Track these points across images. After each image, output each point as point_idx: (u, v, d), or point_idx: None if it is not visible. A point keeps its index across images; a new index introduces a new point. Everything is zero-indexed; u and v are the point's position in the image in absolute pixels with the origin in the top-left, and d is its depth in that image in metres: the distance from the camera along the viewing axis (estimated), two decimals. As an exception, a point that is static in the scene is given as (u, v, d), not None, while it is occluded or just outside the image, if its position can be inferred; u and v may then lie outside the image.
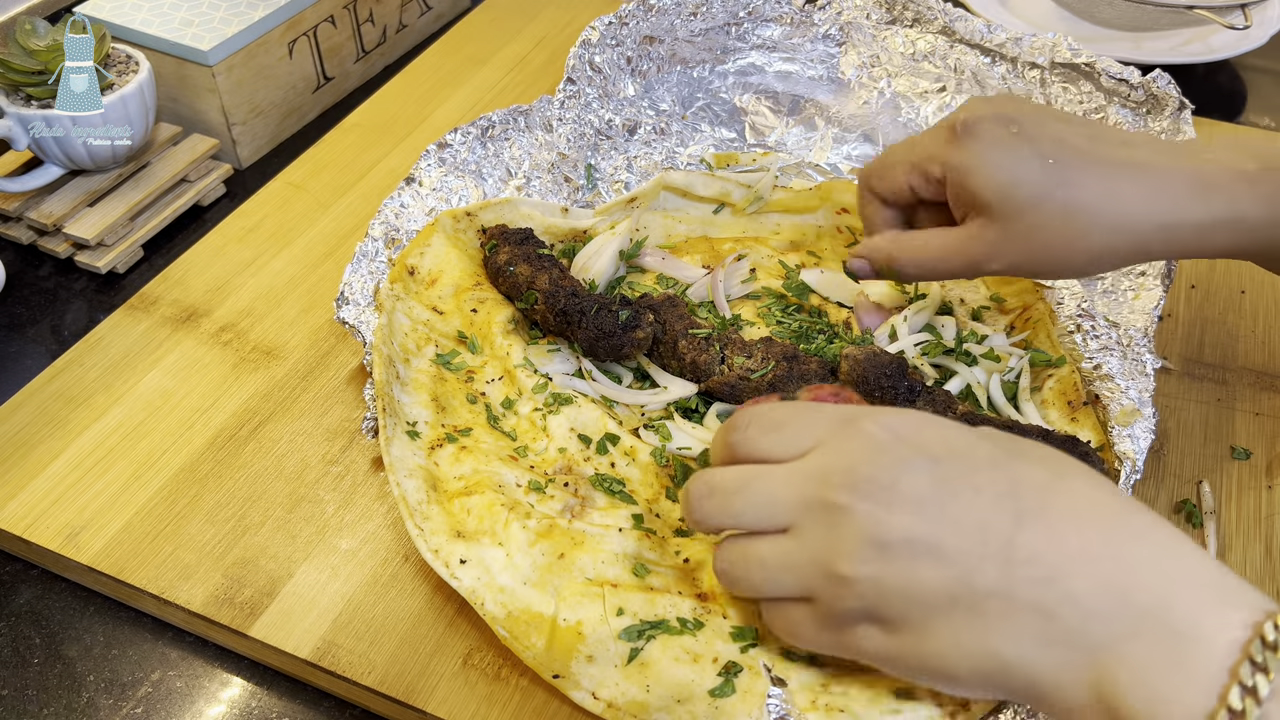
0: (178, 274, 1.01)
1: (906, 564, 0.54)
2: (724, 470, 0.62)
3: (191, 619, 0.76)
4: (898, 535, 0.54)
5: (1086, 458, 0.77)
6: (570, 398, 0.86)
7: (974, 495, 0.54)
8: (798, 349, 0.87)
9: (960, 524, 0.54)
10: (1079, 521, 0.53)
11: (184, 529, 0.80)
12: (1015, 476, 0.55)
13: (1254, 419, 0.90)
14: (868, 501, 0.55)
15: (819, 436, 0.59)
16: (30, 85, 1.01)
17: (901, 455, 0.56)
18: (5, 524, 0.79)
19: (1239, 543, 0.81)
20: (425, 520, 0.75)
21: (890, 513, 0.54)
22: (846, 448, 0.57)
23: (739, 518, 0.60)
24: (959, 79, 1.10)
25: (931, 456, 0.56)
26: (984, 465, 0.56)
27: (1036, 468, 0.56)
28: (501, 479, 0.78)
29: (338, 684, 0.72)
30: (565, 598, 0.70)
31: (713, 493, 0.61)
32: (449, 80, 1.27)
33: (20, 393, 0.89)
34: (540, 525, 0.75)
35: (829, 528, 0.56)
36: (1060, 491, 0.55)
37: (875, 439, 0.57)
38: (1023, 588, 0.52)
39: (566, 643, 0.68)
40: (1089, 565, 0.51)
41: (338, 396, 0.90)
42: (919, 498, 0.54)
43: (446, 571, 0.72)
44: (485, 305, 0.92)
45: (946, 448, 0.56)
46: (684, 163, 1.09)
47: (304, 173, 1.13)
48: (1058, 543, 0.52)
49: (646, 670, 0.67)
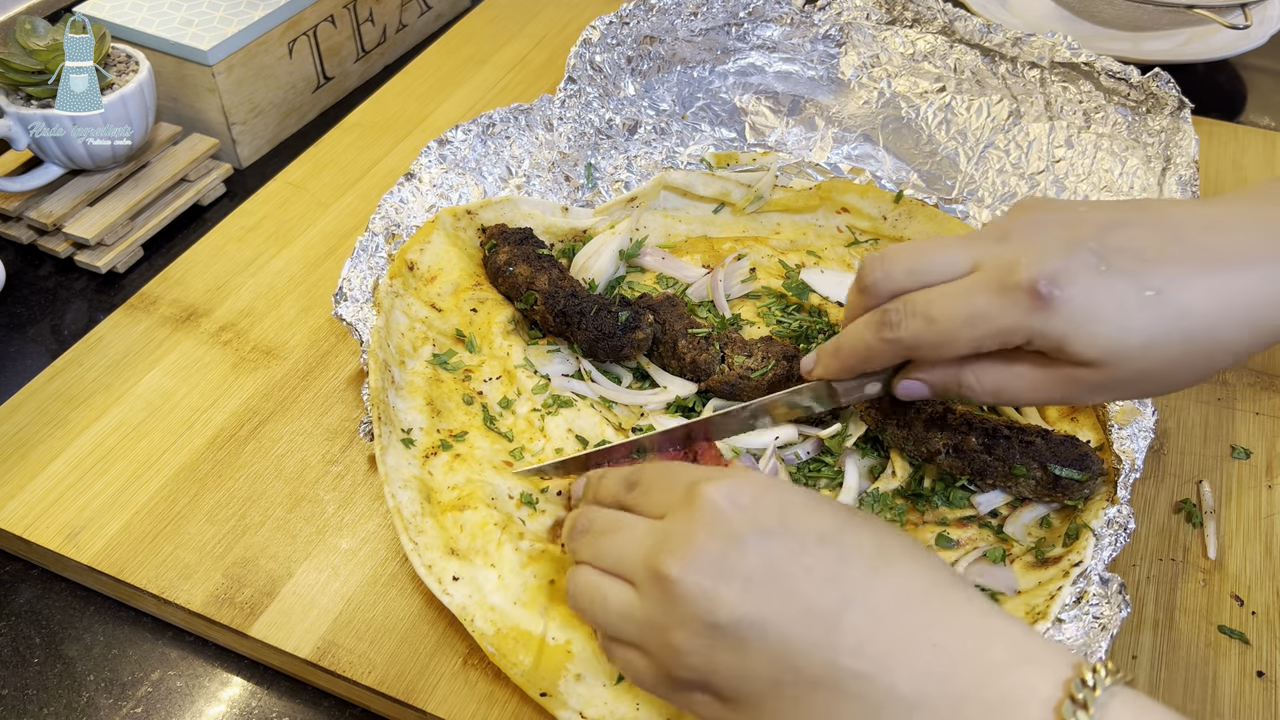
0: (177, 274, 1.01)
1: (735, 644, 0.55)
2: (602, 511, 0.65)
3: (191, 619, 0.76)
4: (725, 615, 0.55)
5: (1086, 457, 0.77)
6: (570, 401, 0.86)
7: (802, 577, 0.55)
8: (797, 348, 0.87)
9: (787, 608, 0.55)
10: (899, 606, 0.55)
11: (184, 529, 0.80)
12: (843, 555, 0.56)
13: (1254, 418, 0.90)
14: (698, 575, 0.56)
15: (670, 502, 0.61)
16: (30, 85, 1.01)
17: (734, 528, 0.57)
18: (5, 524, 0.79)
19: (1239, 542, 0.81)
20: (419, 534, 0.75)
21: (718, 590, 0.55)
22: (689, 516, 0.59)
23: (598, 559, 0.63)
24: (959, 79, 1.10)
25: (764, 530, 0.57)
26: (812, 543, 0.57)
27: (863, 544, 0.57)
28: (495, 489, 0.78)
29: (338, 684, 0.72)
30: (555, 618, 0.70)
31: (587, 529, 0.64)
32: (449, 80, 1.27)
33: (20, 392, 0.89)
34: (533, 549, 0.75)
35: (663, 596, 0.57)
36: (882, 572, 0.56)
37: (714, 507, 0.58)
38: (848, 681, 0.53)
39: (555, 661, 0.68)
40: (909, 656, 0.53)
41: (338, 396, 0.90)
42: (747, 576, 0.56)
43: (439, 587, 0.72)
44: (485, 305, 0.92)
45: (780, 519, 0.58)
46: (684, 162, 1.09)
47: (304, 172, 1.13)
48: (879, 631, 0.54)
49: (636, 690, 0.67)
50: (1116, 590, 0.69)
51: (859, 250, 1.04)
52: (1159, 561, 0.80)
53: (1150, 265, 0.64)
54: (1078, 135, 1.05)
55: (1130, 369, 0.65)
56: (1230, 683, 0.73)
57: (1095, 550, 0.73)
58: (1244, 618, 0.77)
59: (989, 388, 0.70)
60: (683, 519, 0.59)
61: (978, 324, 0.66)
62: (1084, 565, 0.72)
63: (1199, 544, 0.81)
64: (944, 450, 0.79)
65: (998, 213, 1.05)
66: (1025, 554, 0.77)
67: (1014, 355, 0.68)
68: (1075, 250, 0.65)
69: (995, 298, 0.66)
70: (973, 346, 0.68)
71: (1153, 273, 0.64)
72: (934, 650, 0.53)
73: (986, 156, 1.08)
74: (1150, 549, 0.81)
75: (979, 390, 0.70)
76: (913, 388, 0.73)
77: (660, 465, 0.67)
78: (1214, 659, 0.74)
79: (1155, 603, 0.77)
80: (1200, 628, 0.76)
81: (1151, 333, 0.64)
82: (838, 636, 0.54)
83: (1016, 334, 0.66)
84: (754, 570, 0.56)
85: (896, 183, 1.09)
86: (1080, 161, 1.04)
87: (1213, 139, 1.19)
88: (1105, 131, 1.04)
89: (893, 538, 0.59)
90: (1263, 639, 0.75)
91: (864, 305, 0.73)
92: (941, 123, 1.10)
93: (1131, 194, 1.01)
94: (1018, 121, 1.08)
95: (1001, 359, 0.69)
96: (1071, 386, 0.67)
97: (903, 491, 0.82)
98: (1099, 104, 1.04)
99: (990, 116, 1.09)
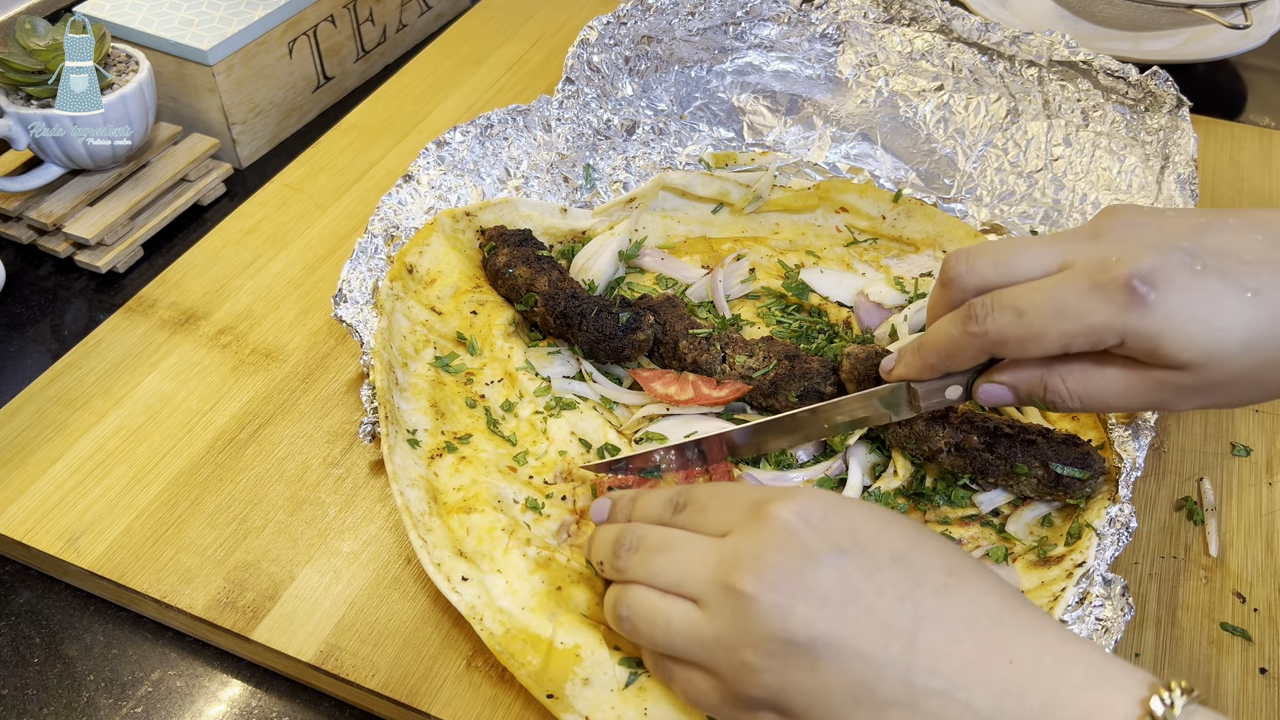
0: (175, 276, 1.00)
1: (809, 663, 0.55)
2: (654, 528, 0.64)
3: (193, 623, 0.75)
4: (801, 633, 0.55)
5: (1087, 456, 0.77)
6: (572, 403, 0.86)
7: (876, 596, 0.55)
8: (798, 348, 0.87)
9: (863, 627, 0.55)
10: (973, 626, 0.55)
11: (185, 533, 0.79)
12: (915, 575, 0.56)
13: (1253, 415, 0.91)
14: (774, 593, 0.56)
15: (733, 520, 0.61)
16: (30, 85, 1.01)
17: (808, 546, 0.57)
18: (5, 529, 0.79)
19: (1240, 540, 0.81)
20: (428, 533, 0.75)
21: (794, 607, 0.55)
22: (758, 534, 0.58)
23: (656, 577, 0.62)
24: (956, 77, 1.10)
25: (838, 549, 0.57)
26: (886, 562, 0.57)
27: (934, 563, 0.57)
28: (500, 494, 0.78)
29: (341, 687, 0.72)
30: (563, 624, 0.70)
31: (636, 546, 0.63)
32: (445, 81, 1.26)
33: (19, 396, 0.89)
34: (540, 555, 0.75)
35: (736, 613, 0.57)
36: (955, 591, 0.56)
37: (786, 525, 0.58)
38: (924, 699, 0.53)
39: (563, 664, 0.68)
40: (985, 673, 0.53)
41: (338, 399, 0.89)
42: (823, 595, 0.55)
43: (448, 585, 0.72)
44: (485, 308, 0.92)
45: (852, 538, 0.57)
46: (682, 162, 1.09)
47: (301, 174, 1.12)
48: (955, 650, 0.54)
49: (645, 695, 0.67)
50: (1120, 592, 0.69)
51: (858, 250, 1.04)
52: (1161, 559, 0.80)
53: (1248, 266, 0.62)
54: (1076, 134, 1.05)
55: (1227, 372, 0.63)
56: (1233, 680, 0.73)
57: (1098, 550, 0.73)
58: (1246, 615, 0.77)
59: (1075, 391, 0.67)
60: (750, 536, 0.58)
61: (1068, 319, 0.64)
62: (1087, 565, 0.72)
63: (1200, 541, 0.81)
64: (946, 449, 0.79)
65: (996, 211, 1.05)
66: (1027, 553, 0.77)
67: (1103, 358, 0.66)
68: (1170, 250, 0.63)
69: (1088, 294, 0.64)
70: (1062, 344, 0.65)
71: (1251, 274, 0.62)
72: (1011, 668, 0.53)
73: (985, 155, 1.08)
74: (1152, 547, 0.81)
75: (1064, 394, 0.68)
76: (995, 391, 0.71)
77: (714, 485, 0.66)
78: (1217, 656, 0.74)
79: (1158, 600, 0.77)
80: (1203, 625, 0.76)
81: (1250, 334, 0.62)
82: (914, 655, 0.54)
83: (1109, 333, 0.64)
84: (829, 588, 0.55)
85: (895, 182, 1.09)
86: (1079, 160, 1.04)
87: (1210, 136, 1.19)
88: (1104, 130, 1.04)
89: (961, 557, 0.59)
90: (1265, 636, 0.75)
91: (947, 301, 0.72)
92: (940, 121, 1.10)
93: (1129, 192, 1.01)
94: (1016, 120, 1.08)
95: (1090, 361, 0.67)
96: (1164, 391, 0.65)
97: (904, 490, 0.82)
98: (1097, 102, 1.04)
99: (988, 115, 1.09)
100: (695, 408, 0.85)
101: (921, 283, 0.99)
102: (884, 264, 1.02)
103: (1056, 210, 1.03)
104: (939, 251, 1.03)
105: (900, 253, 1.03)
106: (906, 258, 1.03)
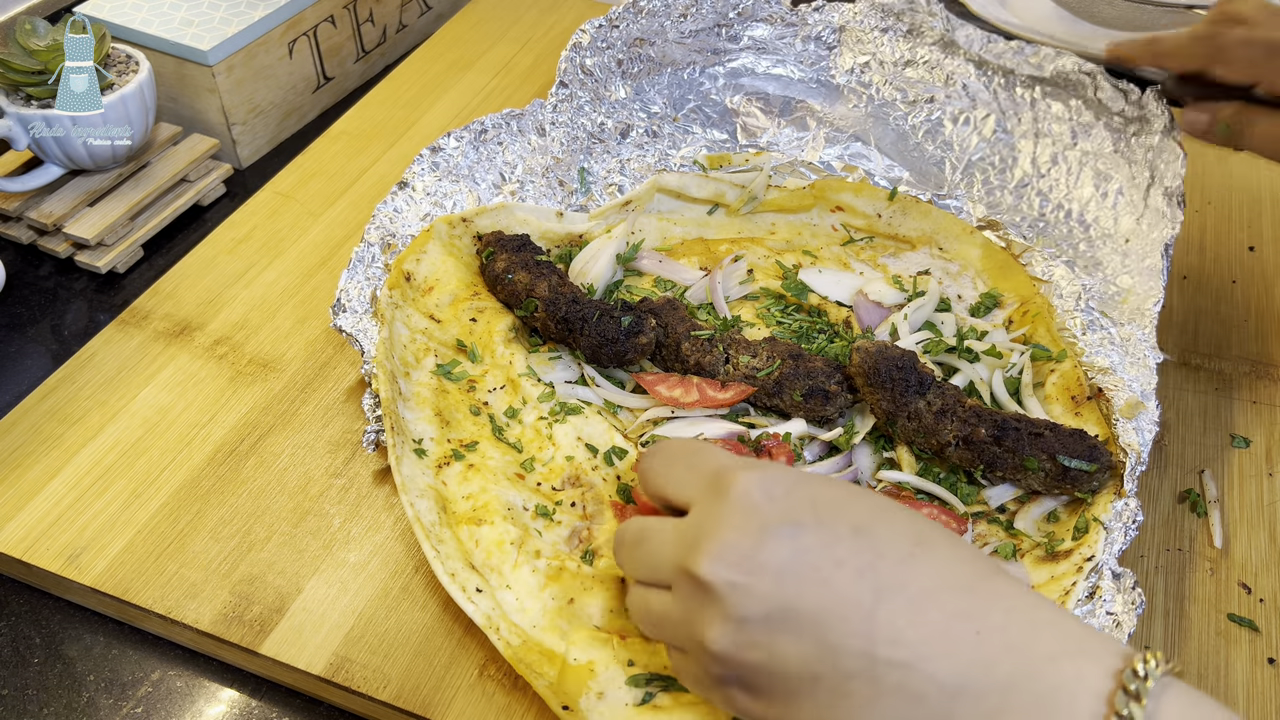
0: (169, 287, 0.99)
1: (767, 640, 0.54)
2: (633, 521, 0.64)
3: (200, 638, 0.74)
4: (757, 611, 0.54)
5: (1095, 449, 0.78)
6: (577, 408, 0.85)
7: (834, 569, 0.54)
8: (801, 348, 0.87)
9: (820, 600, 0.53)
10: (938, 596, 0.53)
11: (188, 547, 0.78)
12: (877, 547, 0.55)
13: (1251, 407, 0.91)
14: (730, 571, 0.55)
15: (695, 489, 0.60)
16: (30, 85, 1.00)
17: (765, 521, 0.56)
18: (4, 547, 0.78)
19: (1243, 531, 0.82)
20: (440, 543, 0.74)
21: (750, 584, 0.54)
22: (717, 509, 0.57)
23: (634, 571, 0.63)
24: (949, 90, 1.09)
25: (795, 522, 0.55)
26: (846, 534, 0.55)
27: (899, 534, 0.56)
28: (509, 501, 0.78)
29: (352, 699, 0.72)
30: (575, 642, 0.69)
31: (621, 544, 0.64)
32: (435, 85, 1.26)
33: (13, 411, 0.87)
34: (549, 568, 0.74)
35: (694, 597, 0.56)
36: (920, 559, 0.55)
37: (746, 497, 0.57)
38: (886, 671, 0.52)
39: (578, 678, 0.67)
40: (950, 644, 0.52)
41: (339, 408, 0.89)
42: (778, 569, 0.54)
43: (463, 595, 0.71)
44: (485, 315, 0.92)
45: (813, 511, 0.56)
46: (677, 164, 1.09)
47: (292, 182, 1.11)
48: (918, 620, 0.53)
49: (660, 714, 0.66)
50: (1130, 586, 0.69)
51: (854, 249, 1.04)
52: (1166, 552, 0.81)
53: None
54: (1064, 153, 1.04)
55: None
56: (1242, 670, 0.74)
57: (1106, 544, 0.73)
58: (1252, 605, 0.77)
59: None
60: (709, 513, 0.57)
61: None
62: (1096, 559, 0.72)
63: (1204, 533, 0.82)
64: (954, 442, 0.79)
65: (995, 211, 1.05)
66: (1035, 549, 0.78)
67: None
68: None
69: None
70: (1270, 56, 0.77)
71: None
72: (978, 638, 0.52)
73: (971, 169, 1.07)
74: (1157, 539, 0.81)
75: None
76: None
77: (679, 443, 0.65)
78: (1225, 647, 0.75)
79: (1165, 593, 0.78)
80: (1210, 616, 0.77)
81: None
82: (874, 627, 0.52)
83: None
84: (784, 563, 0.54)
85: (890, 180, 1.09)
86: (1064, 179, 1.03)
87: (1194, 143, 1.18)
88: (1090, 149, 1.02)
89: (933, 528, 0.58)
90: (1272, 626, 0.76)
91: None
92: (928, 133, 1.10)
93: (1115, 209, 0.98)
94: (1004, 137, 1.07)
95: None
96: None
97: (910, 489, 0.82)
98: (1088, 121, 1.03)
99: (975, 129, 1.08)
100: (701, 410, 0.85)
101: (919, 281, 0.99)
102: (881, 262, 1.02)
103: (1043, 221, 1.02)
104: (935, 249, 1.03)
105: (897, 251, 1.03)
106: (903, 255, 1.03)
